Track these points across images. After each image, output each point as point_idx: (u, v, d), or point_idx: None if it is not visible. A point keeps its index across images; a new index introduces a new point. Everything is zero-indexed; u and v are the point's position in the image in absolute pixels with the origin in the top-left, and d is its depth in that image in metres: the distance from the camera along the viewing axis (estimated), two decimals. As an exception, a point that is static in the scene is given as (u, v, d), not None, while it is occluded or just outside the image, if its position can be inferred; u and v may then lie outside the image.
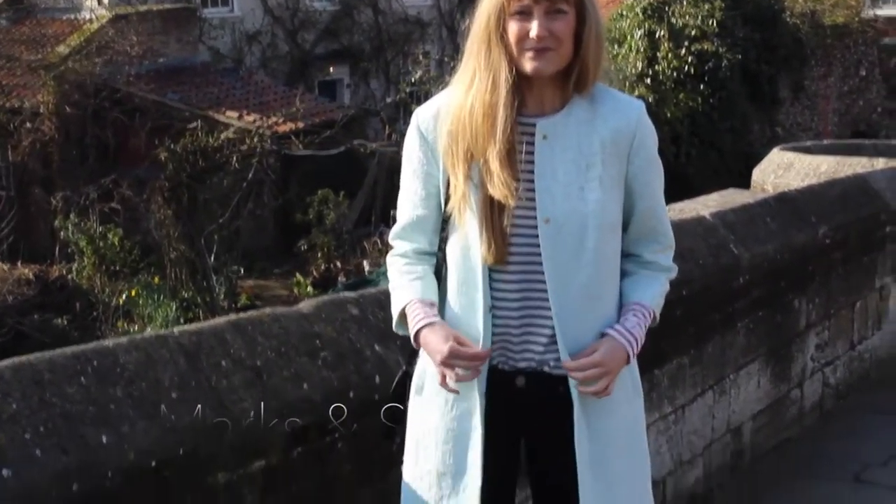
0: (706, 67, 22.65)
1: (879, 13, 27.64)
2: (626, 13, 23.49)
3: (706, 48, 22.65)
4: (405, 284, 2.86)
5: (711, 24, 22.82)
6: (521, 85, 2.73)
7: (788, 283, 5.95)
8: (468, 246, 2.75)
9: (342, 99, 26.56)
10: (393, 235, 2.95)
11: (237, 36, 25.44)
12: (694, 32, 22.76)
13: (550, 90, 2.76)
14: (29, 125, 21.14)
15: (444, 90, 2.87)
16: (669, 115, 21.84)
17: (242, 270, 18.31)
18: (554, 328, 2.74)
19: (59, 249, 18.95)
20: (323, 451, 3.23)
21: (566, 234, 2.71)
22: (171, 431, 2.77)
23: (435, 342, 2.73)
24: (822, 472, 5.67)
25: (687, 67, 22.55)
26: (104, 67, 21.43)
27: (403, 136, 2.93)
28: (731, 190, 7.09)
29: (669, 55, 22.56)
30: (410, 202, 2.87)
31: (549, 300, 2.73)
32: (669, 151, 20.52)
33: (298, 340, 3.25)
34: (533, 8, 2.66)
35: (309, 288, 17.53)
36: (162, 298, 16.26)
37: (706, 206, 5.83)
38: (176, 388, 2.86)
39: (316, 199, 19.37)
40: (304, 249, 19.22)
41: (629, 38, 23.00)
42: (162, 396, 2.82)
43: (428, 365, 2.82)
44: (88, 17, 23.21)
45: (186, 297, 16.83)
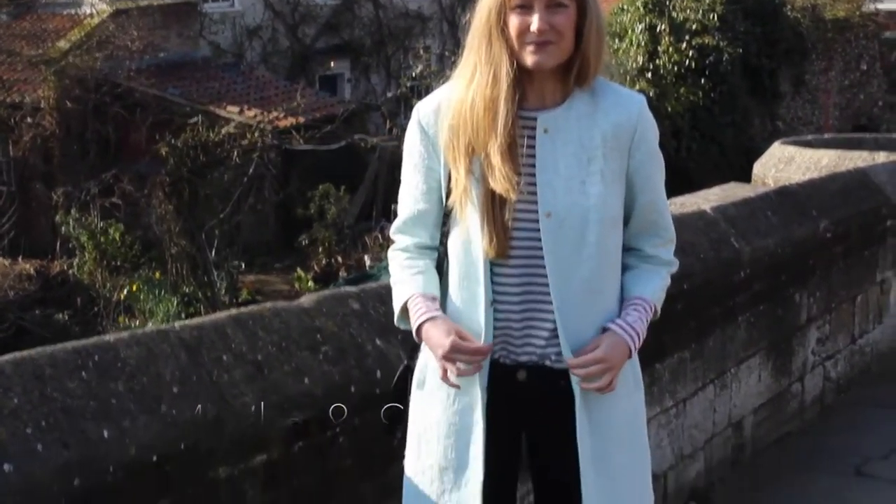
0: (707, 62, 22.61)
1: (880, 7, 27.55)
2: (626, 7, 23.43)
3: (707, 42, 22.62)
4: (407, 279, 2.85)
5: (712, 18, 22.78)
6: (521, 79, 2.72)
7: (789, 276, 5.95)
8: (469, 240, 2.75)
9: (343, 94, 26.53)
10: (394, 230, 2.94)
11: (238, 31, 25.42)
12: (695, 26, 22.72)
13: (551, 84, 2.75)
14: (30, 120, 21.11)
15: (444, 84, 2.87)
16: (670, 109, 21.80)
17: (243, 265, 18.28)
18: (555, 322, 2.74)
19: (59, 245, 18.93)
20: (324, 445, 3.23)
21: (567, 228, 2.71)
22: (172, 426, 2.78)
23: (437, 336, 2.73)
24: (823, 465, 5.67)
25: (688, 62, 22.51)
26: (105, 62, 21.40)
27: (404, 130, 2.93)
28: (732, 184, 7.09)
29: (670, 49, 22.52)
30: (412, 196, 2.87)
31: (550, 294, 2.73)
32: (670, 146, 20.49)
33: (299, 335, 3.25)
34: (534, 2, 2.66)
35: (310, 283, 17.50)
36: (163, 293, 16.24)
37: (707, 200, 5.83)
38: (177, 382, 2.86)
39: (317, 193, 19.35)
40: (304, 244, 19.20)
41: (630, 32, 22.95)
42: (163, 391, 2.82)
43: (429, 359, 2.82)
44: (89, 11, 23.19)
45: (187, 292, 16.81)
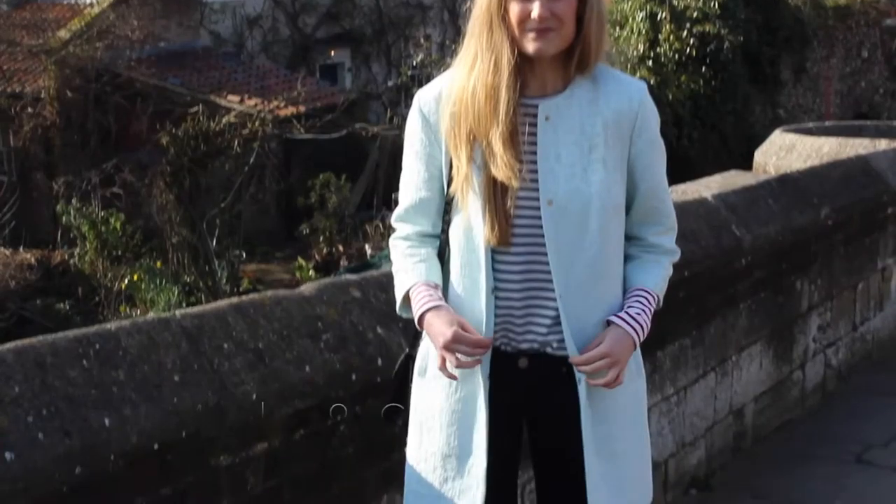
0: (708, 49, 22.57)
1: (882, -6, 27.53)
2: (627, -5, 23.41)
3: (708, 30, 22.57)
4: (409, 267, 2.85)
5: (713, 5, 22.71)
6: (522, 66, 2.72)
7: (790, 264, 5.95)
8: (471, 227, 2.75)
9: (343, 83, 26.48)
10: (395, 218, 2.94)
11: (238, 20, 25.35)
12: (695, 14, 22.67)
13: (552, 71, 2.75)
14: (30, 110, 21.08)
15: (445, 72, 2.87)
16: (671, 97, 21.75)
17: (244, 255, 18.27)
18: (557, 310, 2.74)
19: (60, 234, 18.91)
20: (325, 433, 3.24)
21: (569, 215, 2.70)
22: (173, 414, 2.78)
23: (439, 325, 2.73)
24: (823, 453, 5.67)
25: (689, 49, 22.47)
26: (105, 52, 21.35)
27: (405, 119, 2.92)
28: (732, 172, 7.09)
29: (671, 37, 22.48)
30: (413, 184, 2.86)
31: (552, 282, 2.72)
32: (671, 133, 20.46)
33: (300, 323, 3.25)
34: (534, -11, 2.65)
35: (311, 272, 17.48)
36: (164, 283, 16.22)
37: (708, 187, 5.83)
38: (178, 370, 2.86)
39: (318, 182, 19.33)
40: (305, 233, 19.20)
41: (631, 20, 22.90)
42: (164, 379, 2.82)
43: (431, 347, 2.82)
44: (89, 1, 23.14)
45: (188, 281, 16.80)
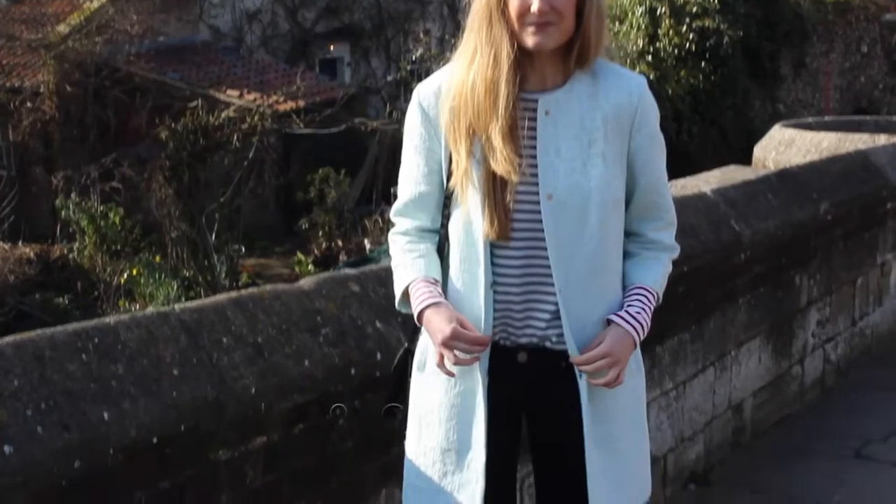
0: (707, 44, 22.54)
1: (881, -11, 27.49)
2: (627, -11, 23.38)
3: (707, 25, 22.55)
4: (408, 263, 2.85)
5: (712, 0, 22.71)
6: (522, 61, 2.71)
7: (790, 259, 5.95)
8: (470, 222, 2.74)
9: (343, 77, 26.46)
10: (394, 212, 2.93)
11: (237, 14, 25.32)
12: (695, 9, 22.63)
13: (552, 65, 2.74)
14: (29, 105, 21.07)
15: (445, 66, 2.86)
16: (671, 92, 21.74)
17: (243, 249, 18.27)
18: (557, 304, 2.73)
19: (60, 229, 18.92)
20: (324, 427, 3.24)
21: (569, 209, 2.70)
22: (172, 408, 2.78)
23: (438, 322, 2.72)
24: (822, 448, 5.68)
25: (688, 44, 22.45)
26: (104, 46, 21.34)
27: (404, 114, 2.91)
28: (732, 166, 7.09)
29: (671, 32, 22.46)
30: (412, 178, 2.86)
31: (552, 276, 2.72)
32: (671, 128, 20.45)
33: (299, 317, 3.25)
34: (534, -17, 2.64)
35: (310, 266, 17.48)
36: (163, 277, 16.22)
37: (707, 182, 5.83)
38: (177, 364, 2.86)
39: (317, 177, 19.33)
40: (305, 228, 19.20)
41: (630, 14, 22.88)
42: (163, 373, 2.82)
43: (430, 342, 2.81)
44: (88, -5, 23.14)
45: (188, 275, 16.80)
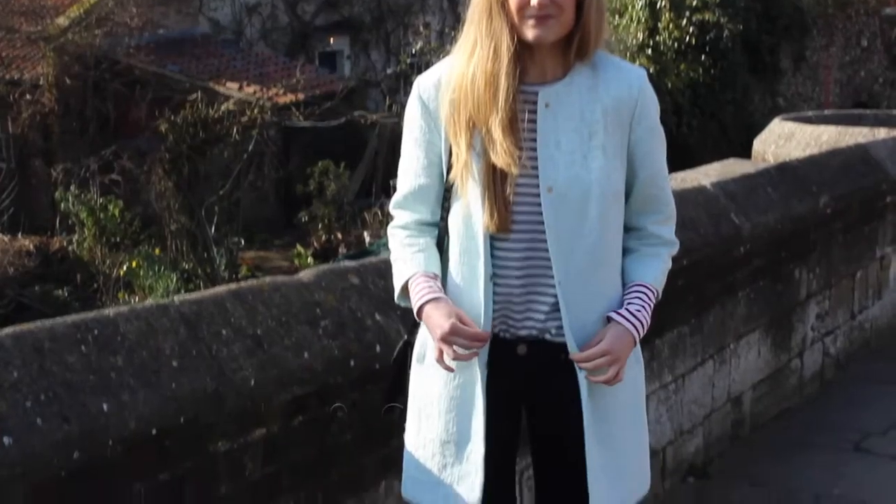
0: (707, 38, 22.53)
1: (881, -17, 27.47)
2: (626, -17, 23.36)
3: (707, 18, 22.53)
4: (407, 257, 2.84)
5: (713, -7, 22.71)
6: (522, 53, 2.71)
7: (789, 252, 5.95)
8: (470, 215, 2.74)
9: (342, 70, 26.43)
10: (394, 205, 2.92)
11: (237, 7, 25.27)
12: (695, 3, 22.59)
13: (552, 58, 2.74)
14: (29, 97, 21.05)
15: (445, 59, 2.86)
16: (671, 85, 21.72)
17: (243, 242, 18.27)
18: (556, 296, 2.73)
19: (59, 221, 18.90)
20: (324, 419, 3.24)
21: (569, 202, 2.70)
22: (171, 400, 2.78)
23: (437, 317, 2.72)
24: (821, 441, 5.68)
25: (688, 38, 22.43)
26: (104, 39, 21.31)
27: (404, 107, 2.91)
28: (732, 160, 7.09)
29: (670, 25, 22.44)
30: (412, 171, 2.85)
31: (552, 269, 2.72)
32: (670, 122, 20.43)
33: (299, 309, 3.25)
34: (534, -25, 2.64)
35: (309, 259, 17.46)
36: (163, 270, 16.21)
37: (707, 175, 5.82)
38: (176, 356, 2.86)
39: (316, 170, 19.32)
40: (304, 221, 19.19)
41: (630, 8, 22.85)
42: (162, 365, 2.82)
43: (429, 335, 2.81)
44: (88, -12, 23.10)
45: (187, 268, 16.79)
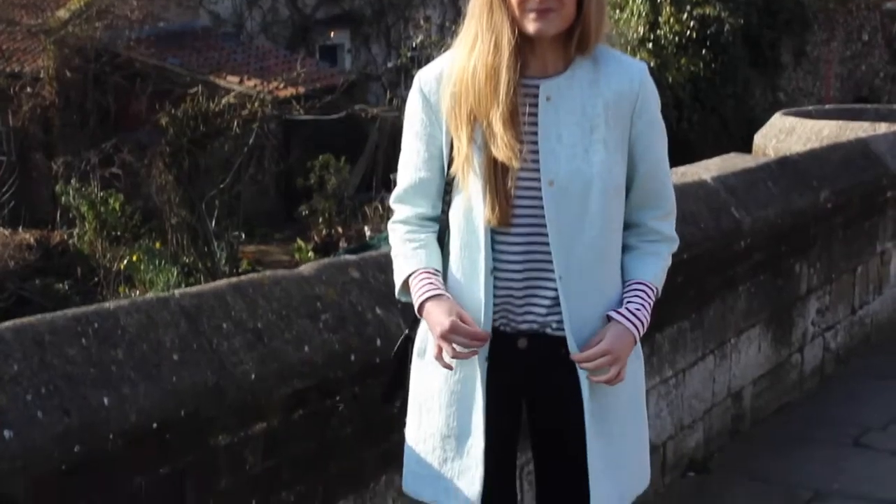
0: (708, 32, 22.54)
1: (882, -22, 27.45)
2: (627, -23, 23.35)
3: (708, 12, 22.53)
4: (408, 253, 2.84)
5: (714, -13, 22.70)
6: (523, 47, 2.71)
7: (790, 247, 5.95)
8: (471, 208, 2.73)
9: (343, 64, 26.42)
10: (394, 198, 2.92)
11: (237, 0, 25.29)
12: (696, -3, 22.66)
13: (553, 52, 2.74)
14: (29, 90, 21.05)
15: (446, 52, 2.85)
16: (671, 79, 21.73)
17: (243, 236, 18.27)
18: (557, 290, 2.73)
19: (60, 215, 18.91)
20: (324, 413, 3.24)
21: (570, 196, 2.69)
22: (172, 393, 2.78)
23: (437, 314, 2.72)
24: (821, 436, 5.68)
25: (689, 32, 22.43)
26: (104, 32, 21.31)
27: (404, 101, 2.90)
28: (732, 154, 7.06)
29: (671, 19, 22.43)
30: (413, 164, 2.85)
31: (552, 263, 2.72)
32: (671, 116, 20.43)
33: (299, 303, 3.25)
34: (535, -31, 2.64)
35: (310, 253, 17.47)
36: (163, 263, 16.22)
37: (708, 170, 5.82)
38: (177, 350, 2.86)
39: (317, 164, 19.32)
40: (305, 215, 19.19)
41: (631, 2, 22.85)
42: (163, 358, 2.82)
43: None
44: (88, -20, 23.08)
45: (188, 262, 16.81)
